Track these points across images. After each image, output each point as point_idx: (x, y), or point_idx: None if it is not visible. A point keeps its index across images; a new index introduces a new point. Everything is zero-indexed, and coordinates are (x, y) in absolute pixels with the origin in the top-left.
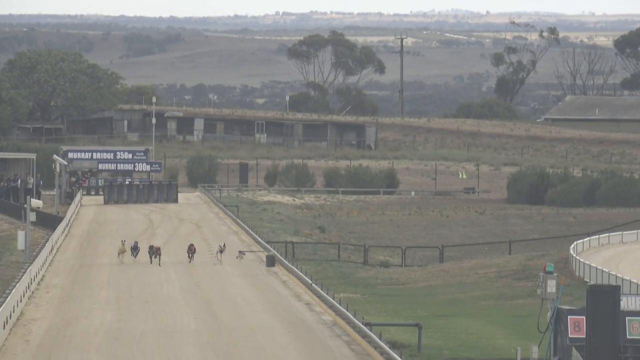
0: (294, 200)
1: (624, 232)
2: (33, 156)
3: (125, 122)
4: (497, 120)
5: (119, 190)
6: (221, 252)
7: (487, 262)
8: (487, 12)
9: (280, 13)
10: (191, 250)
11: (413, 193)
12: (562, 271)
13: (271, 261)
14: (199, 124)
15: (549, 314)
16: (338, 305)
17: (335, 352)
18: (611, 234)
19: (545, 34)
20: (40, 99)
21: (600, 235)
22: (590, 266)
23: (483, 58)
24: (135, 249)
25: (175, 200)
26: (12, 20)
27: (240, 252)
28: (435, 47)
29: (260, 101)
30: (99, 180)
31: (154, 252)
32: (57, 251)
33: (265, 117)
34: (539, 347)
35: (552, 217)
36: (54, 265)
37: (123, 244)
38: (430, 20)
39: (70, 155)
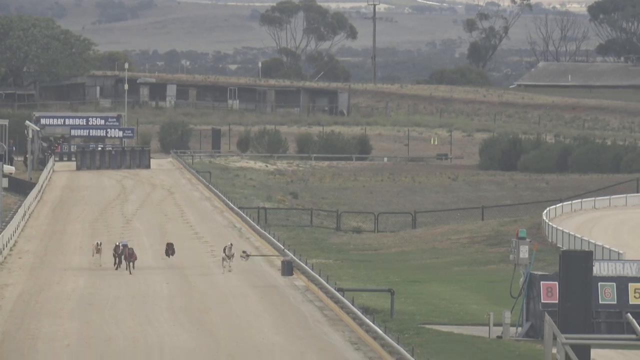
0: (267, 166)
1: (597, 198)
2: (5, 122)
3: (98, 88)
4: (469, 87)
5: (92, 156)
6: (229, 257)
7: (459, 228)
8: None
9: None
10: (170, 250)
11: (386, 159)
12: (534, 237)
13: (289, 268)
14: (171, 90)
15: (521, 280)
16: (310, 271)
17: (307, 317)
18: (583, 199)
19: (517, 0)
20: (13, 65)
21: (573, 201)
22: (562, 232)
23: (456, 24)
24: (119, 253)
25: (148, 166)
26: None
27: (244, 252)
28: (407, 13)
29: (233, 67)
30: (72, 146)
31: (126, 256)
32: (29, 217)
33: (237, 84)
34: (511, 312)
35: (524, 183)
36: (26, 231)
37: (99, 246)
38: None
39: (42, 121)
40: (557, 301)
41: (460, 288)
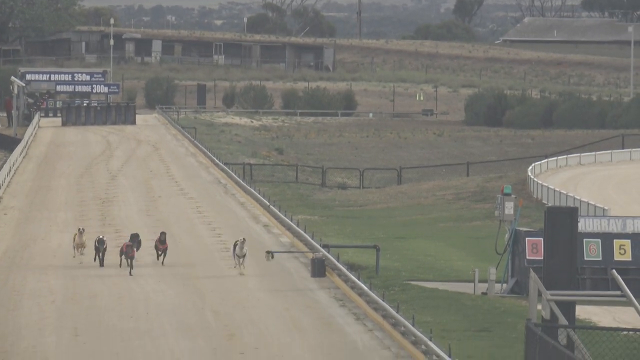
0: (252, 122)
1: (582, 154)
2: None
3: (83, 44)
4: (455, 42)
5: (77, 112)
6: (240, 257)
7: (445, 184)
8: None
9: None
10: (160, 245)
11: (371, 115)
12: (519, 193)
13: (320, 267)
14: (156, 46)
15: (506, 236)
16: (296, 227)
17: (293, 273)
18: (569, 155)
19: None
20: None
21: (558, 157)
22: (548, 188)
23: None
24: (100, 245)
25: (133, 122)
26: None
27: (268, 252)
28: None
29: (218, 23)
30: (57, 102)
31: (125, 251)
32: (14, 173)
33: (223, 39)
34: (496, 268)
35: (510, 139)
36: (11, 187)
37: (81, 234)
38: None
39: (28, 77)
40: (542, 257)
41: (446, 244)
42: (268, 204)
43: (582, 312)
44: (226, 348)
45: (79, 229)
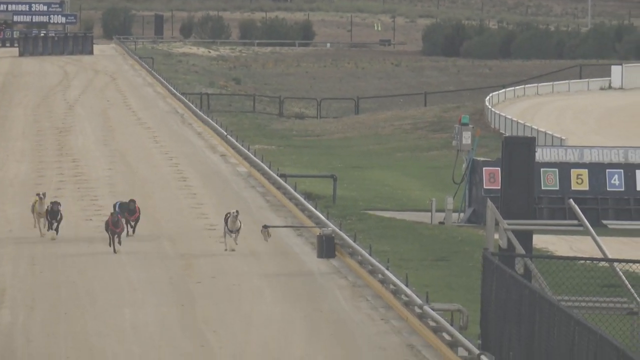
0: (210, 52)
1: (540, 84)
2: None
3: None
4: None
5: (34, 42)
6: (232, 232)
7: (402, 114)
8: None
9: None
10: (129, 216)
11: (329, 45)
12: (477, 123)
13: (329, 247)
14: None
15: (464, 166)
16: (253, 157)
17: (250, 203)
18: (526, 85)
19: None
20: None
21: (516, 87)
22: (505, 118)
23: None
24: (54, 215)
25: (91, 52)
26: None
27: (265, 227)
28: None
29: None
30: (14, 32)
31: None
32: None
33: None
34: (454, 198)
35: (467, 69)
36: None
37: (41, 199)
38: None
39: None
40: (499, 187)
41: (403, 174)
42: (225, 133)
43: (540, 241)
44: (183, 277)
45: (39, 195)
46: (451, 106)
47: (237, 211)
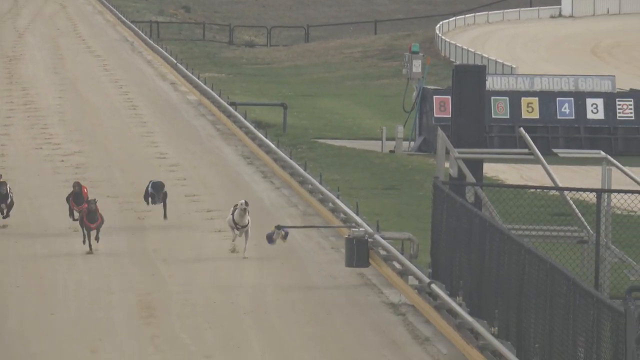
0: None
1: (490, 12)
2: None
3: None
4: None
5: None
6: (238, 226)
7: (352, 42)
8: None
9: None
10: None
11: None
12: (427, 51)
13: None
14: None
15: (414, 94)
16: (203, 85)
17: (200, 131)
18: (477, 14)
19: None
20: None
21: (466, 15)
22: (456, 46)
23: None
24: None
25: None
26: None
27: (277, 227)
28: None
29: None
30: None
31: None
32: None
33: None
34: (404, 126)
35: None
36: None
37: None
38: None
39: None
40: (449, 116)
41: (353, 102)
42: (175, 61)
43: (490, 169)
44: (133, 206)
45: None
46: (401, 34)
47: (245, 202)
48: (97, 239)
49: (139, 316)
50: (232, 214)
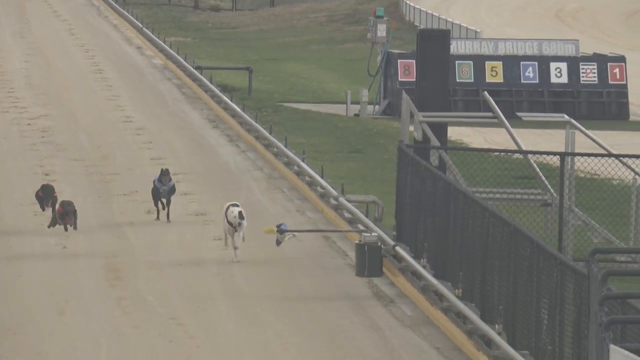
0: None
1: None
2: None
3: None
4: None
5: None
6: (234, 225)
7: (317, 6)
8: None
9: None
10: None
11: None
12: (392, 15)
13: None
14: None
15: (379, 58)
16: (168, 49)
17: (165, 95)
18: None
19: None
20: None
21: None
22: (420, 10)
23: None
24: None
25: None
26: None
27: (280, 231)
28: None
29: None
30: None
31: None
32: None
33: None
34: (369, 90)
35: None
36: None
37: None
38: None
39: None
40: (414, 79)
41: (318, 66)
42: (141, 26)
43: (454, 133)
44: (99, 169)
45: None
46: None
47: (238, 205)
48: (75, 227)
49: (105, 278)
50: (226, 213)
